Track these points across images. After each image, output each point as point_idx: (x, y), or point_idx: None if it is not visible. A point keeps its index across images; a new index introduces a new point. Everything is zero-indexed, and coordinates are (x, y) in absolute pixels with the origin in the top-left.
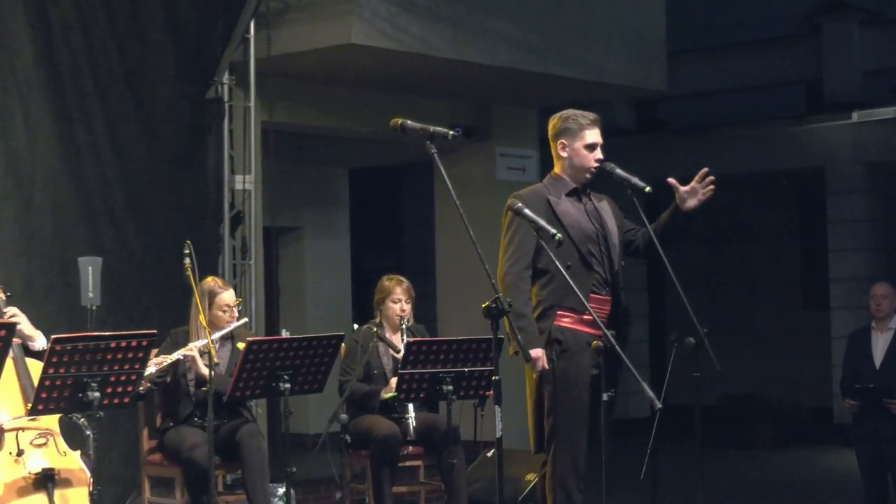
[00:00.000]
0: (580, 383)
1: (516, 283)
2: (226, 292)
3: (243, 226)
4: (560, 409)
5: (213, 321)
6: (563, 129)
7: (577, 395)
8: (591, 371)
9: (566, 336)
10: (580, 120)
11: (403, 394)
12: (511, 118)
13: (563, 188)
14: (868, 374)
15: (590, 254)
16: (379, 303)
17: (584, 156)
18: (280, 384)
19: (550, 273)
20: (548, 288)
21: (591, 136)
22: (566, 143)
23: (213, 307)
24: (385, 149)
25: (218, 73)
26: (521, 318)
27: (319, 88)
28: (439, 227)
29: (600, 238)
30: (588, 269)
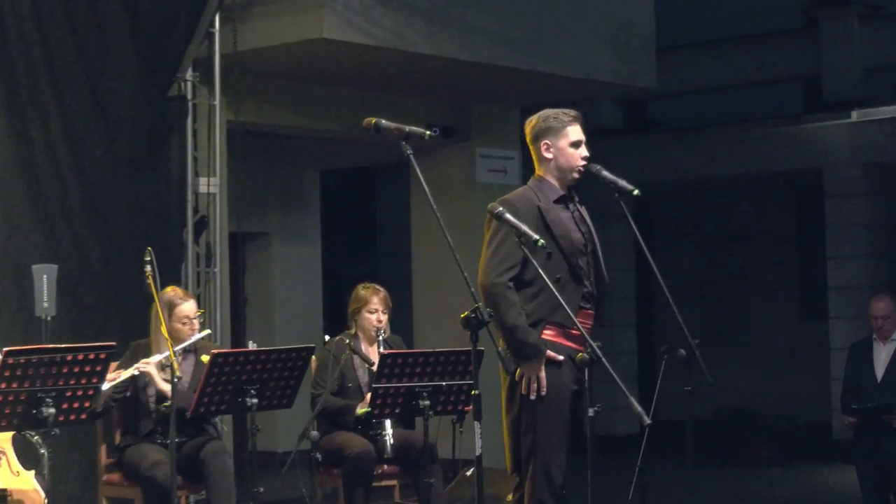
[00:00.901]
0: (560, 398)
1: (505, 293)
2: (186, 303)
3: (208, 231)
4: (538, 425)
5: (174, 334)
6: (544, 128)
7: (556, 410)
8: (572, 386)
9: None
10: (561, 117)
11: (378, 409)
12: (492, 117)
13: (551, 193)
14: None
15: (578, 266)
16: (354, 313)
17: (571, 154)
18: (247, 399)
19: (537, 286)
20: (535, 301)
21: (575, 133)
22: (550, 142)
23: (172, 319)
24: (358, 150)
25: (181, 69)
26: (519, 330)
27: (289, 86)
28: (416, 232)
29: (588, 249)
30: (578, 283)
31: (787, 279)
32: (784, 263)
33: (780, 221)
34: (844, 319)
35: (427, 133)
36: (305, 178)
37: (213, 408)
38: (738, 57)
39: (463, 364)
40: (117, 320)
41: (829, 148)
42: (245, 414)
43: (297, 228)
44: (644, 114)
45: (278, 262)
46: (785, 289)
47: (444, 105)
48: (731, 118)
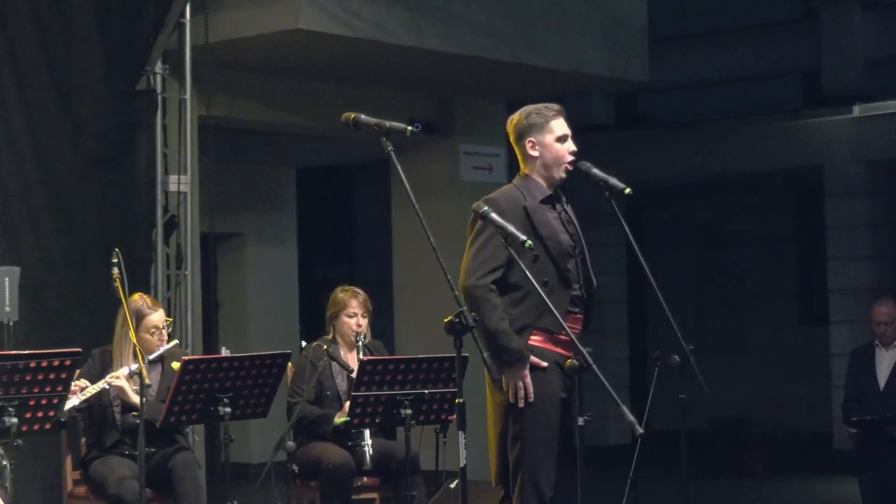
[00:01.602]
0: (549, 407)
1: (488, 296)
2: (155, 313)
3: (178, 232)
4: (526, 435)
5: (141, 344)
6: (527, 125)
7: (544, 419)
8: (560, 394)
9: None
10: (544, 112)
11: (357, 418)
12: (476, 112)
13: (538, 193)
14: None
15: (566, 270)
16: (332, 318)
17: (558, 150)
18: (219, 408)
19: (524, 290)
20: (521, 306)
21: (560, 127)
22: (535, 139)
23: (140, 329)
24: (336, 146)
25: (150, 61)
26: (502, 335)
27: (263, 79)
28: (397, 233)
29: (576, 251)
30: (566, 287)
31: (786, 282)
32: (782, 265)
33: (778, 221)
34: (846, 324)
35: (409, 129)
36: (281, 176)
37: (184, 417)
38: (734, 49)
39: (446, 371)
40: (83, 325)
41: (829, 144)
42: (217, 423)
43: (273, 229)
44: (636, 109)
45: (252, 264)
46: (783, 292)
47: (426, 100)
48: (726, 113)
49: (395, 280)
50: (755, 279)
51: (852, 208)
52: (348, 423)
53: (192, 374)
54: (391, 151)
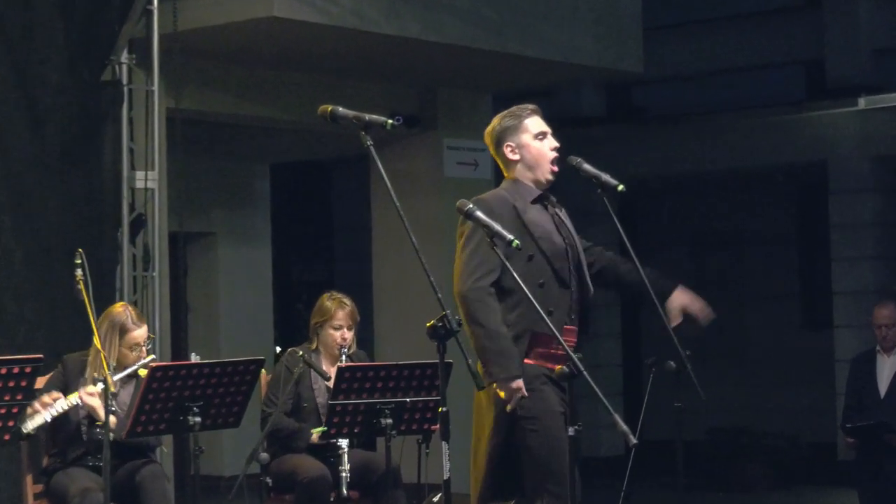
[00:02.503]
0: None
1: (484, 299)
2: (139, 329)
3: (145, 231)
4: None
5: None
6: (503, 130)
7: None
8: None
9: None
10: (517, 113)
11: (334, 428)
12: (461, 105)
13: (527, 194)
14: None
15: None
16: (317, 327)
17: (538, 147)
18: (189, 418)
19: (519, 293)
20: (517, 311)
21: (536, 125)
22: (513, 143)
23: (121, 343)
24: (313, 141)
25: (115, 51)
26: (499, 337)
27: (235, 70)
28: (377, 232)
29: (570, 255)
30: (564, 287)
31: (788, 284)
32: (784, 266)
33: (780, 220)
34: (850, 328)
35: (389, 122)
36: (254, 172)
37: (152, 427)
38: (733, 38)
39: (429, 378)
40: (45, 330)
41: (833, 139)
42: (187, 434)
43: (245, 228)
44: (629, 101)
45: (224, 265)
46: (785, 294)
47: (408, 91)
48: (725, 106)
49: (374, 282)
50: (755, 281)
51: (858, 206)
52: (325, 434)
53: (160, 381)
54: (371, 146)
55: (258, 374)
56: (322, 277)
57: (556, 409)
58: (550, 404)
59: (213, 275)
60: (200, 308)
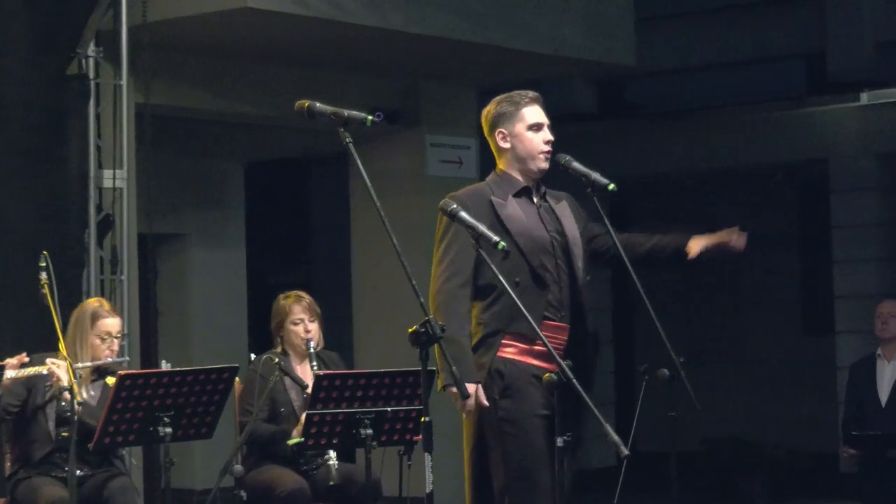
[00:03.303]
0: (529, 426)
1: (449, 302)
2: (112, 318)
3: (113, 232)
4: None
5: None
6: (497, 115)
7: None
8: (541, 411)
9: (509, 369)
10: (515, 99)
11: (312, 439)
12: (445, 100)
13: (510, 187)
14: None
15: (543, 268)
16: (277, 328)
17: (530, 139)
18: (159, 428)
19: (496, 292)
20: (491, 310)
21: (533, 115)
22: (505, 130)
23: (92, 331)
24: (289, 138)
25: (81, 43)
26: (453, 344)
27: (208, 63)
28: (356, 234)
29: (557, 248)
30: (541, 288)
31: (788, 287)
32: (783, 269)
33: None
34: (853, 334)
35: (369, 118)
36: (228, 170)
37: (120, 438)
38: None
39: (411, 387)
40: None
41: (835, 135)
42: (157, 445)
43: (218, 229)
44: (622, 95)
45: (196, 268)
46: (785, 298)
47: (389, 86)
48: (722, 101)
49: (354, 286)
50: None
51: (860, 205)
52: (302, 444)
53: (129, 390)
54: (350, 143)
55: (232, 382)
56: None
57: (537, 413)
58: (532, 407)
59: (184, 278)
60: (171, 313)
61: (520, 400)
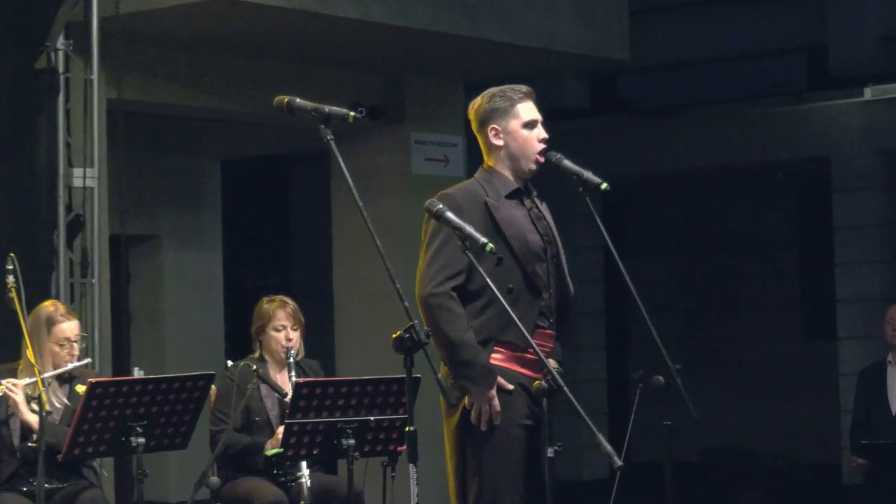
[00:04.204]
0: (510, 436)
1: (448, 305)
2: (68, 322)
3: (84, 234)
4: (486, 470)
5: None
6: (490, 110)
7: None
8: (524, 421)
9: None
10: (510, 94)
11: (291, 449)
12: (430, 95)
13: (502, 187)
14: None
15: (535, 274)
16: (258, 332)
17: (525, 138)
18: (132, 438)
19: (485, 298)
20: (483, 317)
21: (528, 112)
22: (498, 127)
23: (49, 338)
24: (268, 135)
25: (50, 36)
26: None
27: (183, 57)
28: (338, 235)
29: (548, 254)
30: (535, 295)
31: (788, 290)
32: (783, 271)
33: (779, 221)
34: (856, 339)
35: (351, 114)
36: (203, 169)
37: (91, 449)
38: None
39: (395, 395)
40: None
41: (837, 132)
42: (130, 456)
43: (194, 231)
44: (615, 91)
45: (170, 271)
46: (785, 302)
47: (372, 81)
48: (719, 97)
49: (335, 290)
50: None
51: (863, 205)
52: (281, 455)
53: (100, 398)
54: (331, 140)
55: (208, 390)
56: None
57: (519, 423)
58: (514, 416)
59: (158, 282)
60: (144, 318)
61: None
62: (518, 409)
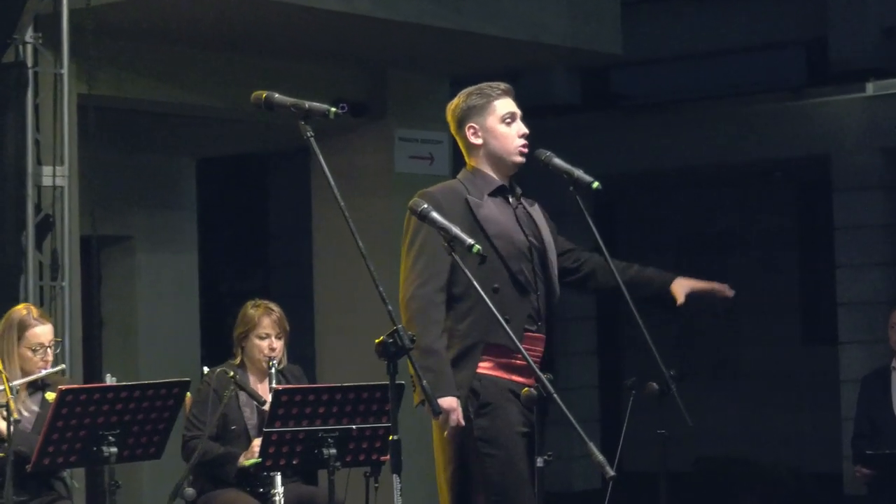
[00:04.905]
0: (510, 445)
1: (426, 309)
2: (41, 326)
3: (53, 235)
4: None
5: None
6: (467, 108)
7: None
8: (522, 428)
9: (484, 384)
10: (486, 91)
11: (270, 459)
12: (414, 91)
13: (485, 186)
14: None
15: (521, 274)
16: (241, 338)
17: (503, 133)
18: (104, 448)
19: (471, 300)
20: (468, 320)
21: (505, 106)
22: (476, 125)
23: (22, 344)
24: (246, 132)
25: (18, 28)
26: (431, 354)
27: (157, 50)
28: (318, 236)
29: (534, 254)
30: (522, 294)
31: (787, 293)
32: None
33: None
34: (858, 344)
35: (332, 110)
36: (178, 167)
37: (61, 459)
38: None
39: (378, 402)
40: None
41: (838, 129)
42: (102, 466)
43: (168, 231)
44: (607, 86)
45: (144, 273)
46: (784, 305)
47: (354, 75)
48: (715, 92)
49: (316, 293)
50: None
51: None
52: (259, 465)
53: (71, 406)
54: (311, 137)
55: (183, 397)
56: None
57: (517, 430)
58: (511, 424)
59: (130, 285)
60: (116, 322)
61: (497, 418)
62: (513, 418)
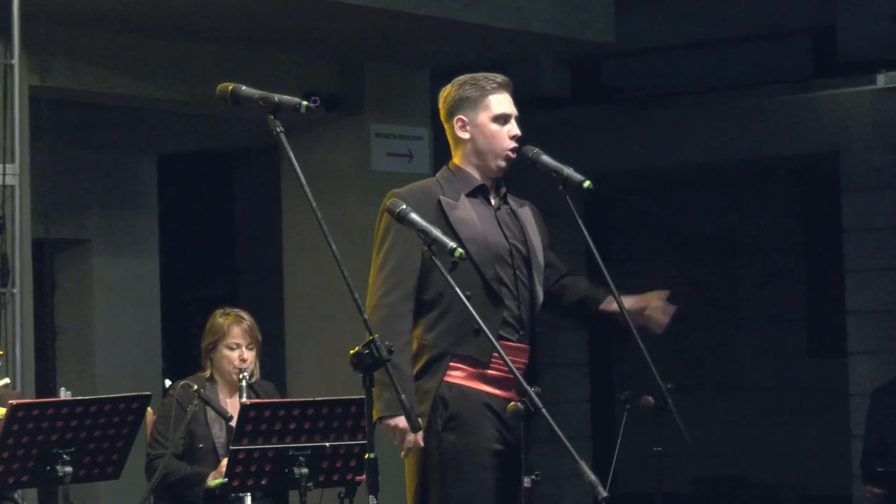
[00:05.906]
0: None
1: (390, 319)
2: None
3: (3, 238)
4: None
5: None
6: (459, 99)
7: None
8: (494, 446)
9: (454, 396)
10: (482, 83)
11: (237, 479)
12: (392, 83)
13: (462, 185)
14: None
15: (498, 280)
16: (209, 349)
17: (494, 133)
18: (58, 467)
19: (441, 308)
20: (437, 329)
21: (500, 104)
22: (466, 118)
23: None
24: (211, 127)
25: None
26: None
27: (115, 40)
28: (288, 238)
29: (516, 258)
30: (495, 304)
31: (792, 300)
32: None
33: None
34: (867, 355)
35: (304, 104)
36: (139, 165)
37: (12, 479)
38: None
39: (353, 418)
40: None
41: (846, 124)
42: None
43: (127, 234)
44: (599, 78)
45: (101, 279)
46: (789, 313)
47: (327, 66)
48: (715, 85)
49: (286, 300)
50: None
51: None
52: (226, 486)
53: (22, 422)
54: (281, 133)
55: (143, 412)
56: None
57: (488, 447)
58: (482, 442)
59: (87, 291)
60: (71, 332)
61: (467, 433)
62: (485, 433)
